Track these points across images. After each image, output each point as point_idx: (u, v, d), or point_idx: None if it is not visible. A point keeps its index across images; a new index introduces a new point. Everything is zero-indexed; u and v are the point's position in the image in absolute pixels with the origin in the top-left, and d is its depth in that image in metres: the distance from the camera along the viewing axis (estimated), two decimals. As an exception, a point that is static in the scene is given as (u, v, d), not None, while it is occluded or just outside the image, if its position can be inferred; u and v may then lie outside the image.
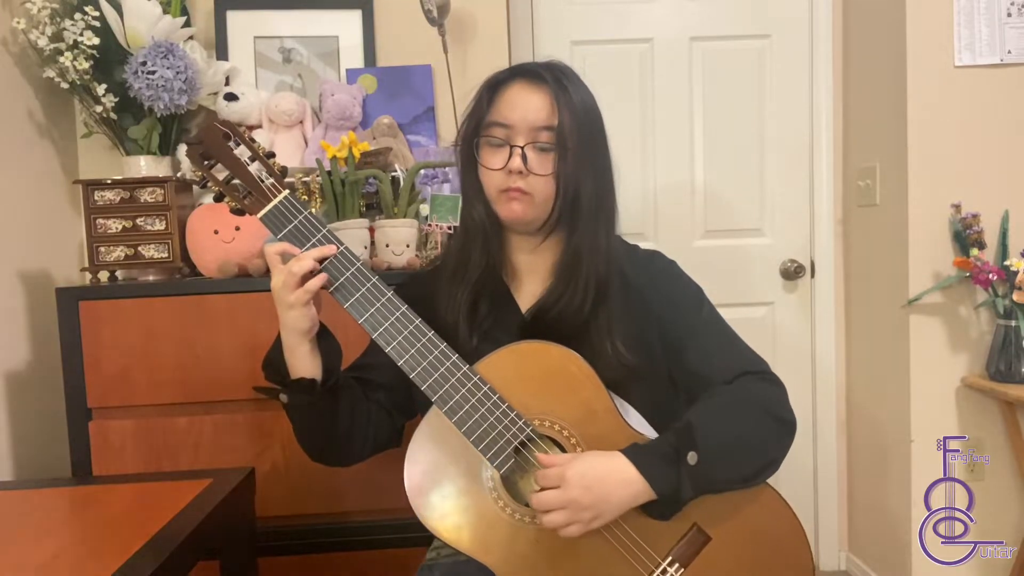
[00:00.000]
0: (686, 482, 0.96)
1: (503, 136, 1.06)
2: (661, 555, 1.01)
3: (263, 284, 1.53)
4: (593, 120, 1.09)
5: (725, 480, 1.01)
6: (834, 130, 2.34)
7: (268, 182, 1.00)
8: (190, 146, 1.02)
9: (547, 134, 1.05)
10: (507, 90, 1.08)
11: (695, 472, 0.97)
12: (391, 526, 1.52)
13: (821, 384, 2.40)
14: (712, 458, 0.98)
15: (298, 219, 1.00)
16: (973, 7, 1.98)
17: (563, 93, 1.05)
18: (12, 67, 1.71)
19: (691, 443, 0.97)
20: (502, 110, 1.07)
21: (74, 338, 1.50)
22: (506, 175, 1.05)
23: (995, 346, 1.96)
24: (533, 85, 1.06)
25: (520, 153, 1.04)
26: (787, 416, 1.06)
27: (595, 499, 0.95)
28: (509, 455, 0.99)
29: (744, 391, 1.05)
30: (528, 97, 1.06)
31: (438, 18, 1.86)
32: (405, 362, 0.99)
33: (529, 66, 1.09)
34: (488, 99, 1.09)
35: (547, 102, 1.05)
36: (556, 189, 1.06)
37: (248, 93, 1.87)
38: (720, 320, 1.15)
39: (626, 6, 2.32)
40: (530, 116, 1.05)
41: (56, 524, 1.14)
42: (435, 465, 1.02)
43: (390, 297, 1.00)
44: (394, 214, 1.64)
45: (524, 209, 1.07)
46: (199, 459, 1.52)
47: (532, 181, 1.05)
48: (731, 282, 2.38)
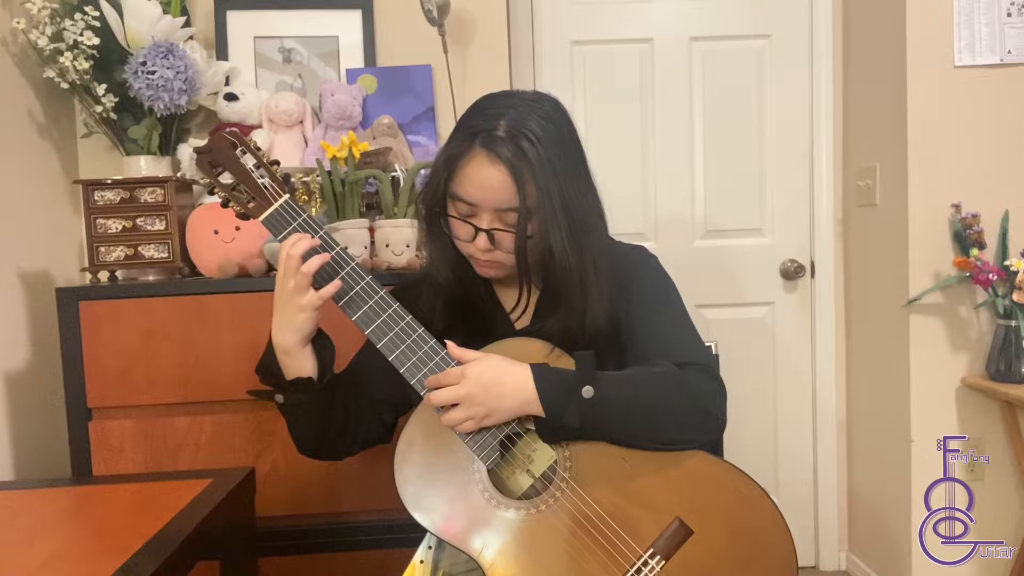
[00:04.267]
0: (573, 411, 0.99)
1: (467, 211, 1.06)
2: (643, 547, 1.01)
3: (263, 284, 1.53)
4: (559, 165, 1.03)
5: (613, 429, 1.02)
6: (834, 130, 2.34)
7: (270, 188, 1.05)
8: (200, 154, 1.06)
9: (512, 215, 1.03)
10: (467, 164, 1.03)
11: (587, 406, 0.99)
12: (391, 526, 1.52)
13: (821, 384, 2.41)
14: (607, 402, 1.00)
15: (297, 221, 1.04)
16: (973, 7, 1.98)
17: (522, 163, 1.00)
18: (12, 67, 1.71)
19: (592, 380, 0.99)
20: (464, 186, 1.04)
21: (74, 338, 1.50)
22: (473, 247, 1.07)
23: (995, 346, 1.96)
24: (492, 163, 1.01)
25: (485, 236, 1.05)
26: (712, 410, 1.05)
27: (489, 398, 0.99)
28: (494, 448, 1.03)
29: (680, 372, 1.05)
30: (488, 176, 1.02)
31: (438, 18, 1.86)
32: (395, 357, 1.03)
33: (485, 134, 1.02)
34: (448, 171, 1.05)
35: (508, 184, 1.01)
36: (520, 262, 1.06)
37: (248, 93, 1.87)
38: (682, 315, 1.16)
39: (626, 6, 2.32)
40: (491, 197, 1.03)
41: (56, 524, 1.14)
42: (424, 459, 1.04)
43: (382, 296, 1.04)
44: (394, 214, 1.64)
45: (497, 272, 1.11)
46: (199, 459, 1.52)
47: (500, 255, 1.07)
48: (731, 282, 2.38)
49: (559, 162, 1.03)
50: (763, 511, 1.04)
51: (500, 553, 1.01)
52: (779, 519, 1.04)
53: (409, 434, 1.05)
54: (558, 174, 1.03)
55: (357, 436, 1.15)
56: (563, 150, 1.05)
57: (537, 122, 1.03)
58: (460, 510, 1.03)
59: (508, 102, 1.05)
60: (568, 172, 1.05)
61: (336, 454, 1.16)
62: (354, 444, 1.16)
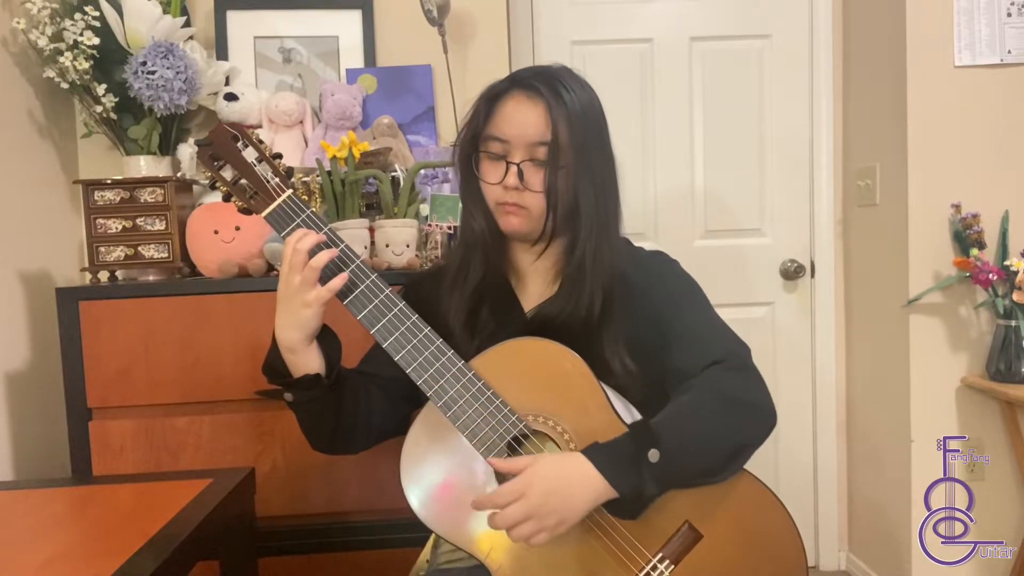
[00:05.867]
0: (648, 480, 0.95)
1: (500, 150, 1.07)
2: (652, 552, 1.01)
3: (263, 284, 1.53)
4: (591, 126, 1.09)
5: (694, 474, 1.00)
6: (834, 130, 2.34)
7: (273, 182, 1.03)
8: (200, 147, 1.05)
9: (543, 149, 1.05)
10: (504, 103, 1.08)
11: (658, 469, 0.96)
12: (391, 526, 1.52)
13: (821, 384, 2.40)
14: (675, 453, 0.97)
15: (301, 217, 1.03)
16: (973, 7, 1.98)
17: (559, 105, 1.05)
18: (12, 67, 1.71)
19: (651, 440, 0.96)
20: (499, 124, 1.07)
21: (74, 338, 1.50)
22: (503, 189, 1.07)
23: (995, 346, 1.96)
24: (529, 98, 1.06)
25: (516, 170, 1.05)
26: (754, 398, 1.05)
27: (558, 504, 0.94)
28: (502, 451, 1.01)
29: (706, 382, 1.04)
30: (525, 112, 1.06)
31: (438, 18, 1.86)
32: (402, 358, 1.01)
33: (526, 76, 1.09)
34: (486, 111, 1.09)
35: (543, 117, 1.05)
36: (550, 202, 1.07)
37: (248, 93, 1.87)
38: (706, 313, 1.15)
39: (626, 6, 2.32)
40: (527, 132, 1.05)
41: (56, 524, 1.13)
42: (431, 460, 1.03)
43: (388, 294, 1.02)
44: (394, 214, 1.64)
45: (521, 222, 1.09)
46: (199, 459, 1.52)
47: (528, 196, 1.07)
48: (731, 282, 2.38)
49: (590, 123, 1.08)
50: (773, 516, 1.04)
51: (508, 556, 1.00)
52: (790, 524, 1.03)
53: (415, 434, 1.04)
54: (588, 131, 1.07)
55: (372, 429, 1.13)
56: (594, 119, 1.10)
57: (576, 81, 1.10)
58: (467, 512, 1.01)
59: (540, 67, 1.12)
60: (597, 138, 1.10)
61: (351, 448, 1.15)
62: (369, 438, 1.15)
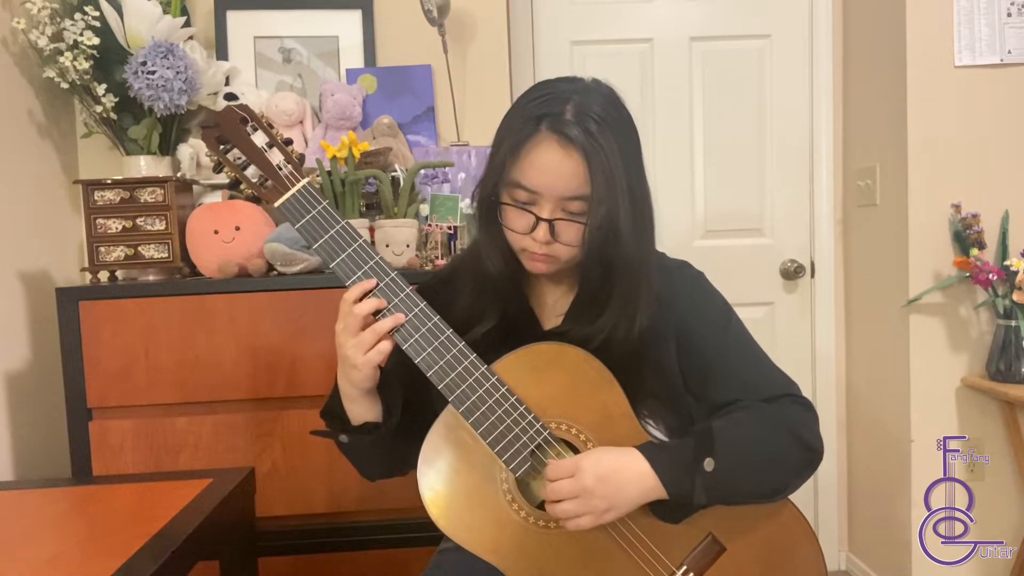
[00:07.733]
0: (699, 488, 0.94)
1: (527, 199, 0.97)
2: (675, 563, 0.99)
3: (263, 284, 1.53)
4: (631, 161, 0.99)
5: (740, 494, 0.98)
6: (834, 130, 2.34)
7: (286, 170, 0.97)
8: (205, 129, 0.98)
9: (578, 204, 0.96)
10: (533, 148, 0.95)
11: (710, 479, 0.94)
12: (391, 526, 1.52)
13: (821, 384, 2.40)
14: (729, 469, 0.95)
15: (316, 210, 0.97)
16: (973, 7, 1.98)
17: (596, 152, 0.93)
18: (12, 67, 1.71)
19: (709, 449, 0.94)
20: (527, 172, 0.96)
21: (74, 338, 1.50)
22: (531, 240, 0.98)
23: (995, 346, 1.96)
24: (562, 147, 0.94)
25: (547, 226, 0.97)
26: (815, 444, 1.02)
27: (609, 490, 0.92)
28: (525, 458, 0.97)
29: (777, 409, 1.02)
30: (558, 163, 0.94)
31: (438, 18, 1.86)
32: (422, 360, 0.97)
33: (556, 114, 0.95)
34: (512, 154, 0.97)
35: (579, 169, 0.94)
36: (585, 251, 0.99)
37: (248, 93, 1.87)
38: (748, 338, 1.10)
39: (626, 6, 2.32)
40: (558, 185, 0.95)
41: (56, 524, 1.13)
42: (449, 465, 1.00)
43: (408, 293, 0.98)
44: (394, 214, 1.64)
45: (548, 267, 1.02)
46: (199, 459, 1.52)
47: (559, 248, 0.99)
48: (731, 282, 2.33)
49: (625, 148, 0.98)
50: (796, 530, 1.03)
51: (528, 565, 0.98)
52: (812, 538, 1.03)
53: (433, 440, 1.00)
54: (625, 160, 0.97)
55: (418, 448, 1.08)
56: (628, 137, 1.00)
57: (602, 106, 0.98)
58: (486, 519, 0.99)
59: (571, 87, 1.00)
60: (633, 160, 1.00)
61: (401, 473, 1.12)
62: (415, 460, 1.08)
